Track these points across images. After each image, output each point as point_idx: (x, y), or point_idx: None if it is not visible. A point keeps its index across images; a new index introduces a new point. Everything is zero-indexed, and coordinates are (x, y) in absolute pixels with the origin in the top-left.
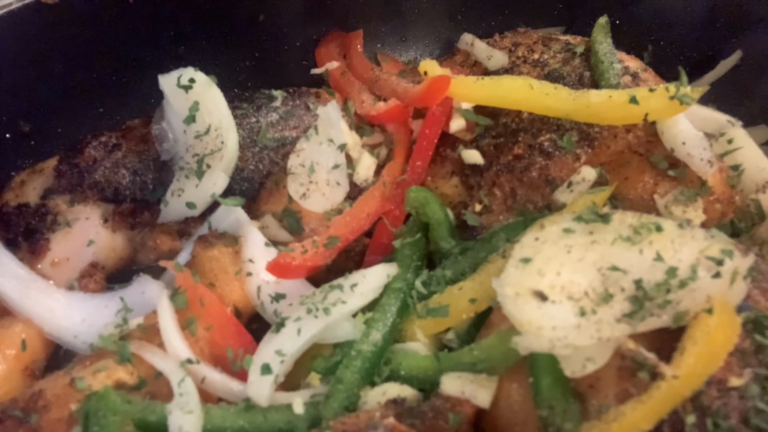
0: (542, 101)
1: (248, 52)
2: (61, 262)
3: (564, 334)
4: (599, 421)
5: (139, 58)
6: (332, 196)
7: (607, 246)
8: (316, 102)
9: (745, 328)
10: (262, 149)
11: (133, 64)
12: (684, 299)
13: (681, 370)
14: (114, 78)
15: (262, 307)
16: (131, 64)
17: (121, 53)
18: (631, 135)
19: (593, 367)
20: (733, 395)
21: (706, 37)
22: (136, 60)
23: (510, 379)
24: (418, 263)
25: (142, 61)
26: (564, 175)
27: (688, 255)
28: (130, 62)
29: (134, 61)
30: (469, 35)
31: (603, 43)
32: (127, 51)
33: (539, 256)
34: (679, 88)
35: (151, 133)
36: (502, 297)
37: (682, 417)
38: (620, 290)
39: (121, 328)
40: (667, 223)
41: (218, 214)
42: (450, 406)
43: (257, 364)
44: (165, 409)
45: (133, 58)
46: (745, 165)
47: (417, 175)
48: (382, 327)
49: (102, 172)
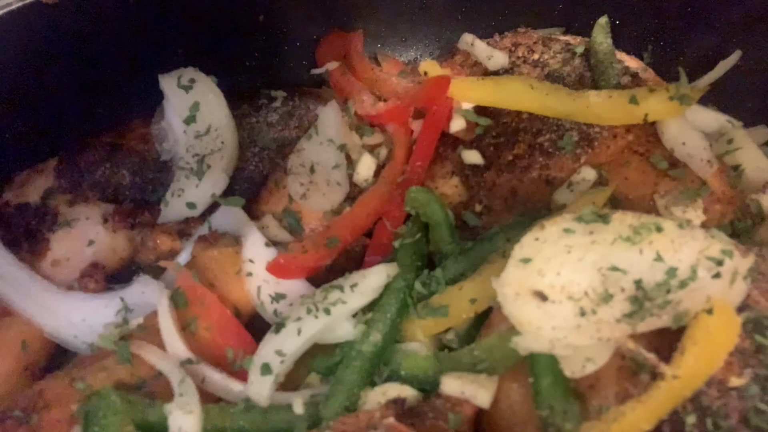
0: (542, 101)
1: (248, 52)
2: (62, 262)
3: (564, 334)
4: (599, 421)
5: (140, 57)
6: (332, 196)
7: (607, 246)
8: (316, 102)
9: (746, 328)
10: (262, 149)
11: (133, 63)
12: (684, 299)
13: (681, 370)
14: (114, 78)
15: (262, 307)
16: (131, 64)
17: (121, 53)
18: (631, 135)
19: (593, 367)
20: (733, 395)
21: (706, 37)
22: (136, 60)
23: (510, 380)
24: (418, 263)
25: (142, 61)
26: (564, 175)
27: (688, 255)
28: (130, 62)
29: (134, 61)
30: (469, 35)
31: (603, 43)
32: (128, 51)
33: (539, 256)
34: (679, 88)
35: (152, 133)
36: (502, 297)
37: (682, 417)
38: (620, 290)
39: (121, 328)
40: (667, 223)
41: (218, 214)
42: (450, 406)
43: (257, 364)
44: (165, 409)
45: (133, 57)
46: (745, 165)
47: (417, 175)
48: (382, 327)
49: (102, 172)
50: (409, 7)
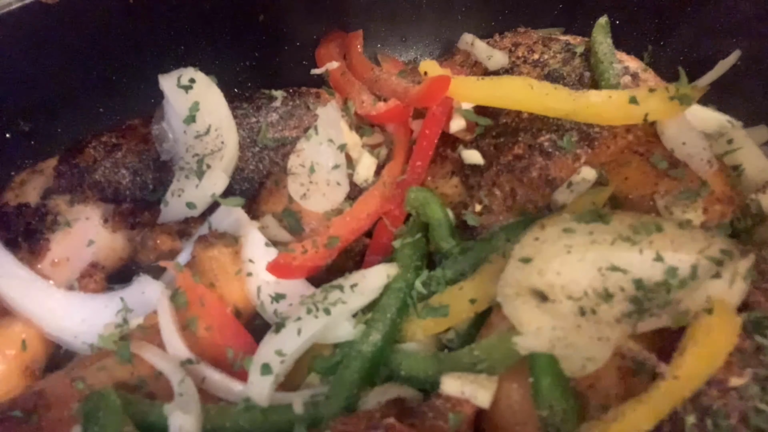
0: (542, 101)
1: (248, 53)
2: (61, 262)
3: (564, 334)
4: (599, 421)
5: (140, 58)
6: (332, 196)
7: (607, 246)
8: (316, 102)
9: (746, 328)
10: (262, 149)
11: (133, 64)
12: (684, 299)
13: (681, 371)
14: (114, 78)
15: (262, 307)
16: (131, 64)
17: (122, 53)
18: (631, 135)
19: (593, 367)
20: (733, 395)
21: (706, 37)
22: (136, 60)
23: (510, 379)
24: (418, 263)
25: (142, 61)
26: (564, 175)
27: (688, 255)
28: (130, 62)
29: (134, 61)
30: (469, 35)
31: (603, 43)
32: (128, 51)
33: (539, 256)
34: (678, 88)
35: (152, 133)
36: (502, 297)
37: (682, 417)
38: (620, 290)
39: (121, 328)
40: (666, 223)
41: (218, 214)
42: (450, 406)
43: (257, 364)
44: (165, 409)
45: (134, 57)
46: (745, 165)
47: (417, 175)
48: (382, 327)
49: (102, 172)
50: (409, 8)
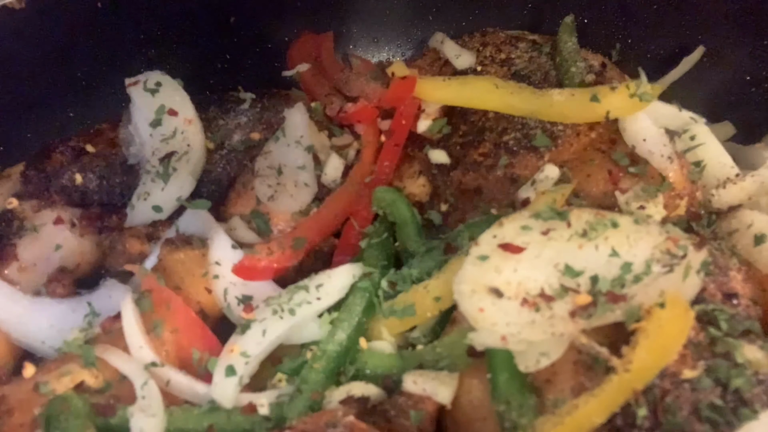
0: (506, 100)
1: (220, 55)
2: (29, 268)
3: (518, 330)
4: (554, 415)
5: (110, 61)
6: (300, 197)
7: (564, 242)
8: (285, 104)
9: (700, 321)
10: (229, 152)
11: (102, 67)
12: (638, 294)
13: (632, 364)
14: (84, 82)
15: (228, 309)
16: (101, 68)
17: (91, 56)
18: (594, 133)
19: (547, 361)
20: (686, 388)
21: (673, 34)
22: (106, 63)
23: (471, 376)
24: (385, 263)
25: (112, 65)
26: (528, 173)
27: (643, 250)
28: (100, 66)
29: (104, 65)
30: (440, 34)
31: (568, 42)
32: (97, 54)
33: (496, 254)
34: (639, 85)
35: (119, 137)
36: (458, 294)
37: (634, 410)
38: (576, 286)
39: (86, 332)
40: (623, 219)
41: (186, 217)
42: (412, 403)
43: (222, 365)
44: (127, 411)
45: (103, 61)
46: (707, 161)
47: (385, 175)
48: (348, 327)
49: (69, 177)
50: (380, 8)
